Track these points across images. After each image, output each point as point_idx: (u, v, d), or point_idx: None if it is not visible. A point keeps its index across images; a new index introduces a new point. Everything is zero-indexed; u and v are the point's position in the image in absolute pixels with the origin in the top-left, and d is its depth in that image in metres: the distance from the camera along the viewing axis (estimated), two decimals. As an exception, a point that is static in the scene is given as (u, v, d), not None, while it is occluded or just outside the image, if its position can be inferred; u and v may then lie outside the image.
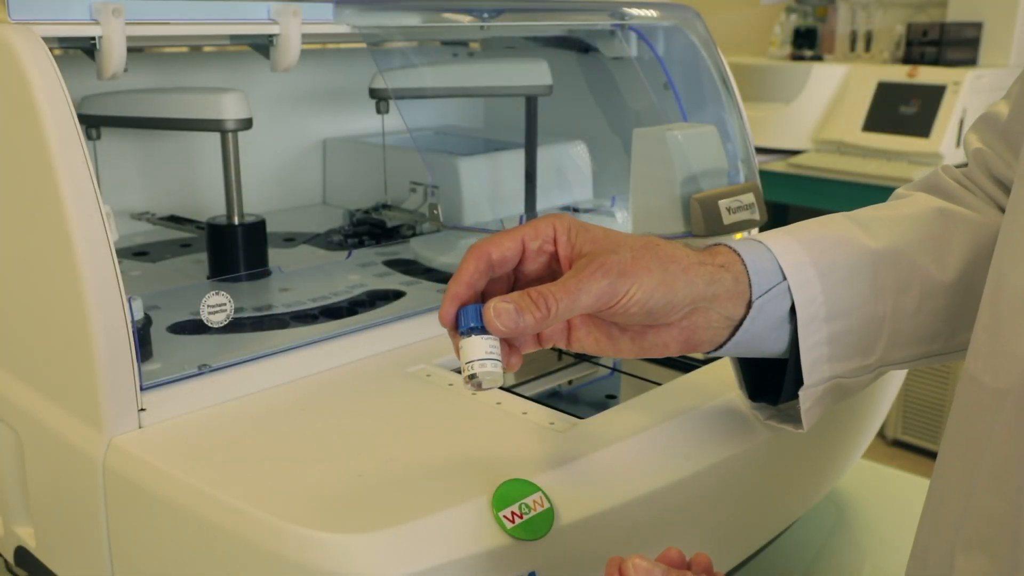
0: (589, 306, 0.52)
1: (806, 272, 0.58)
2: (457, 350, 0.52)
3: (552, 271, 0.55)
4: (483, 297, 0.53)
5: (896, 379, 0.85)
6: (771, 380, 0.62)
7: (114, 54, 0.65)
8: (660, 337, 0.56)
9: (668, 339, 0.56)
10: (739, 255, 0.57)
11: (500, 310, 0.50)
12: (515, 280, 0.56)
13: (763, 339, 0.58)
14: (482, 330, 0.50)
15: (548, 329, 0.54)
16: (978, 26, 2.49)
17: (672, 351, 0.57)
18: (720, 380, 0.71)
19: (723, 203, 0.78)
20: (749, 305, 0.56)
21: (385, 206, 1.06)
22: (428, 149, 1.13)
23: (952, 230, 0.62)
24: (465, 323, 0.51)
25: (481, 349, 0.50)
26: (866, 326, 0.60)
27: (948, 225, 0.62)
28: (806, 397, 0.59)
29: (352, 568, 0.49)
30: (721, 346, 0.58)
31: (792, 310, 0.58)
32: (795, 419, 0.61)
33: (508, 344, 0.53)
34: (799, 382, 0.59)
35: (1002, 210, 0.64)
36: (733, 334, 0.57)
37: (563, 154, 1.06)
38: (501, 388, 0.68)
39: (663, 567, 0.46)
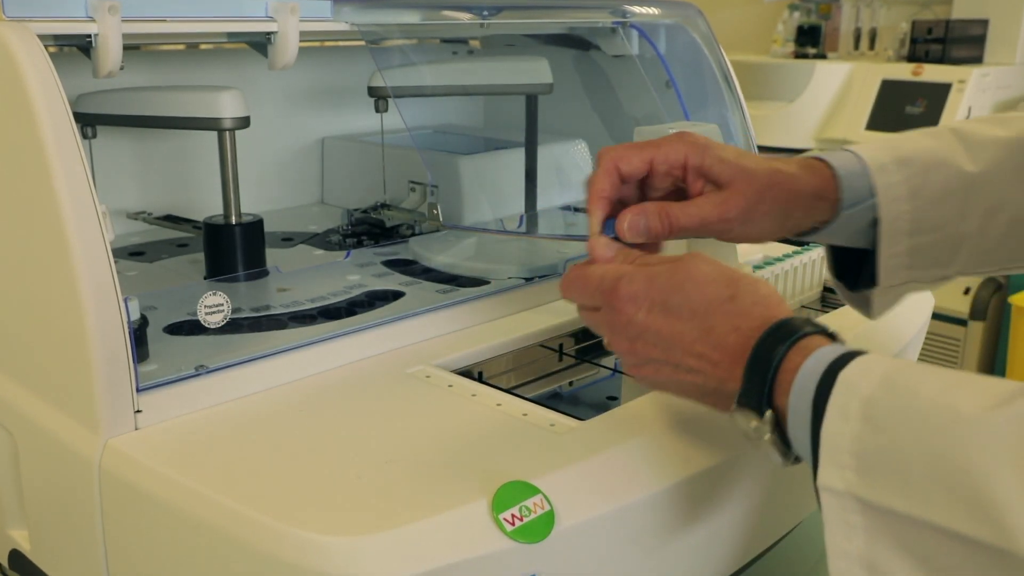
0: (707, 234, 0.61)
1: (896, 190, 0.62)
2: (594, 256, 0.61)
3: (678, 188, 0.62)
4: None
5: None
6: (854, 265, 0.67)
7: (110, 52, 0.65)
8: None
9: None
10: (838, 179, 0.62)
11: (633, 223, 0.60)
12: (643, 189, 0.63)
13: (847, 238, 0.64)
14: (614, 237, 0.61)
15: None
16: (984, 23, 2.49)
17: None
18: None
19: (725, 202, 0.77)
20: (836, 213, 0.63)
21: (384, 205, 1.05)
22: (427, 148, 1.12)
23: None
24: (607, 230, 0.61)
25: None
26: (949, 242, 0.63)
27: None
28: (880, 294, 0.65)
29: (351, 571, 0.48)
30: (804, 234, 0.65)
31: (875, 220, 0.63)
32: (869, 306, 0.67)
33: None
34: (876, 278, 0.64)
35: None
36: (816, 230, 0.64)
37: (564, 153, 1.06)
38: (502, 390, 0.68)
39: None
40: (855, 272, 0.67)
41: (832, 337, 0.52)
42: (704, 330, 0.53)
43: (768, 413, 0.51)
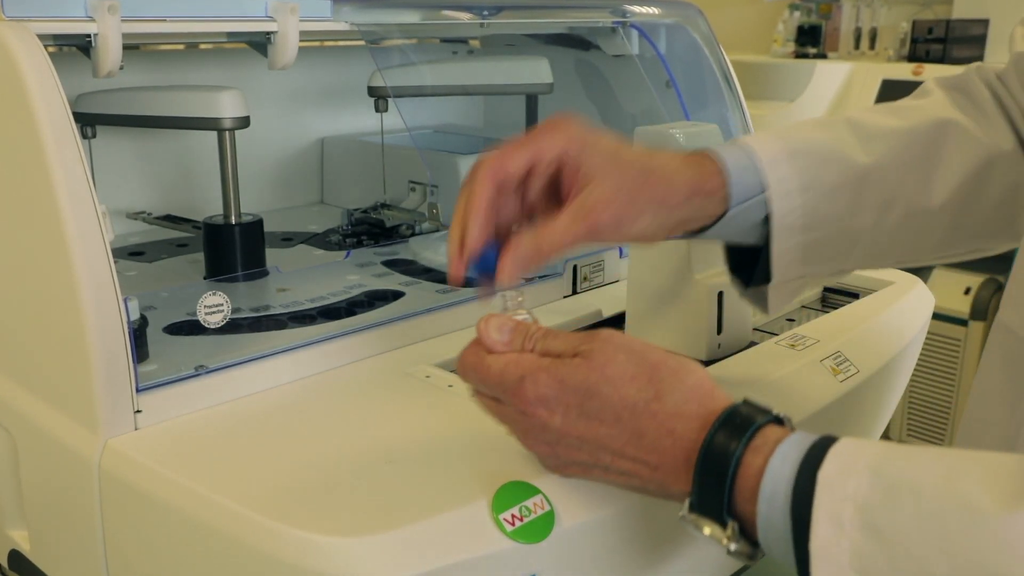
0: (585, 243, 0.56)
1: (787, 184, 0.59)
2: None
3: (554, 183, 0.57)
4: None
5: (901, 380, 0.85)
6: (749, 260, 0.64)
7: (110, 52, 0.65)
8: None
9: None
10: (725, 174, 0.59)
11: (511, 272, 0.54)
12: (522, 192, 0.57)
13: (736, 236, 0.61)
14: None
15: None
16: (984, 23, 2.49)
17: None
18: (723, 382, 0.70)
19: (726, 202, 0.77)
20: (726, 210, 0.59)
21: (384, 205, 1.05)
22: (427, 148, 1.12)
23: (949, 151, 0.62)
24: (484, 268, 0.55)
25: (500, 307, 0.56)
26: (843, 237, 0.61)
27: (946, 144, 0.62)
28: (775, 289, 0.62)
29: (350, 571, 0.48)
30: (695, 233, 0.61)
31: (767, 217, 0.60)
32: (764, 301, 0.64)
33: None
34: (770, 274, 0.62)
35: (1015, 130, 0.64)
36: (707, 228, 0.60)
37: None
38: None
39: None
40: (750, 267, 0.64)
41: (782, 422, 0.47)
42: (633, 434, 0.48)
43: (732, 524, 0.46)
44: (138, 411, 0.61)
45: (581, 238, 0.54)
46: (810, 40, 2.79)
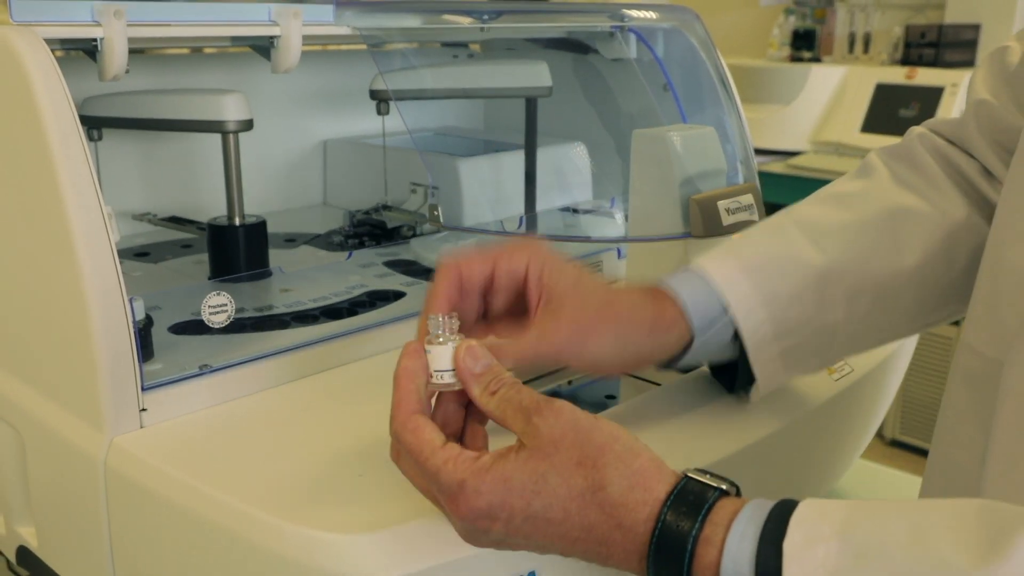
0: (540, 366, 0.56)
1: (749, 302, 0.59)
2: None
3: (520, 297, 0.57)
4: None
5: (895, 379, 0.85)
6: (729, 364, 0.64)
7: (116, 56, 0.65)
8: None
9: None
10: (683, 307, 0.58)
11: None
12: (485, 296, 0.57)
13: (713, 357, 0.62)
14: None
15: None
16: (976, 28, 2.50)
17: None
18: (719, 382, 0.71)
19: (722, 204, 0.78)
20: (692, 339, 0.59)
21: (385, 207, 1.06)
22: (428, 150, 1.13)
23: (906, 236, 0.62)
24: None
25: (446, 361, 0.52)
26: (819, 336, 0.61)
27: (902, 231, 0.62)
28: (763, 388, 0.62)
29: (353, 567, 0.49)
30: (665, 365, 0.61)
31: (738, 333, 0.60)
32: (751, 394, 0.64)
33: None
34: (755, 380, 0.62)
35: (966, 194, 0.63)
36: (677, 358, 0.60)
37: (563, 155, 1.07)
38: None
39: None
40: (731, 370, 0.64)
41: (732, 491, 0.45)
42: (582, 528, 0.45)
43: None
44: (143, 410, 0.61)
45: (543, 357, 0.55)
46: (805, 44, 2.80)
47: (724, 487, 0.45)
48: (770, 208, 0.75)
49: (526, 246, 0.57)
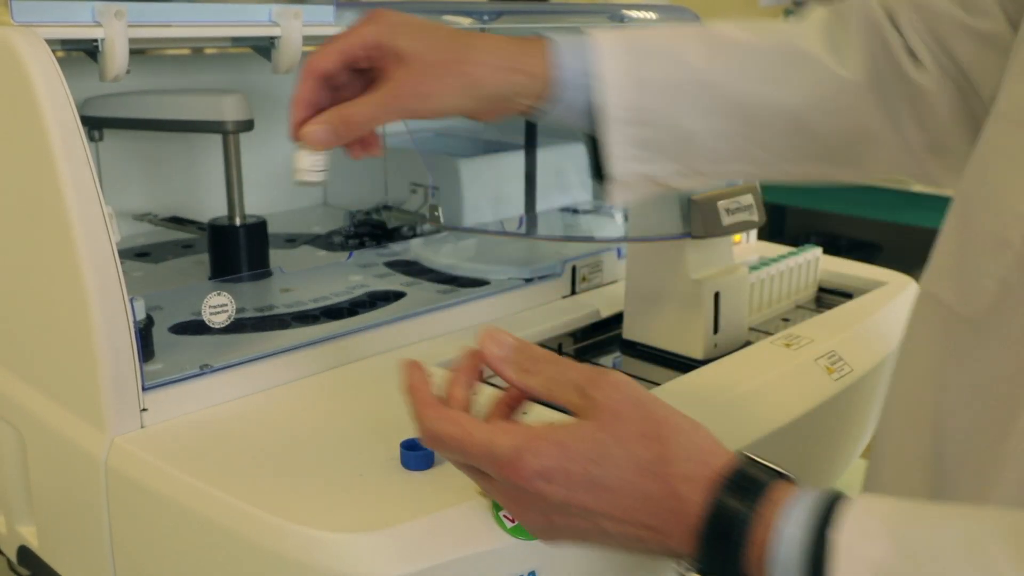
0: (391, 121, 0.57)
1: (617, 75, 0.58)
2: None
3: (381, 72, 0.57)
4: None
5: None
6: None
7: (116, 56, 0.65)
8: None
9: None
10: (551, 56, 0.58)
11: (311, 132, 0.56)
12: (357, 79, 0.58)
13: (570, 120, 0.59)
14: None
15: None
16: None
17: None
18: (719, 381, 0.71)
19: (722, 204, 0.78)
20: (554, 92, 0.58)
21: (386, 207, 1.06)
22: (429, 150, 1.13)
23: (792, 73, 0.60)
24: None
25: (306, 161, 0.59)
26: (676, 139, 0.59)
27: (790, 66, 0.60)
28: (615, 186, 0.60)
29: (353, 567, 0.49)
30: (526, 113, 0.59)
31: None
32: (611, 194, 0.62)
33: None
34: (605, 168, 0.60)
35: (879, 67, 0.60)
36: (536, 109, 0.59)
37: (563, 156, 1.07)
38: (502, 389, 0.68)
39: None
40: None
41: (785, 477, 0.45)
42: (640, 498, 0.45)
43: None
44: (144, 409, 0.61)
45: (390, 112, 0.56)
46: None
47: (781, 471, 0.45)
48: (770, 209, 0.75)
49: (375, 17, 0.57)
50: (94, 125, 0.89)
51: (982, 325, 0.49)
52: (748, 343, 0.81)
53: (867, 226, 2.52)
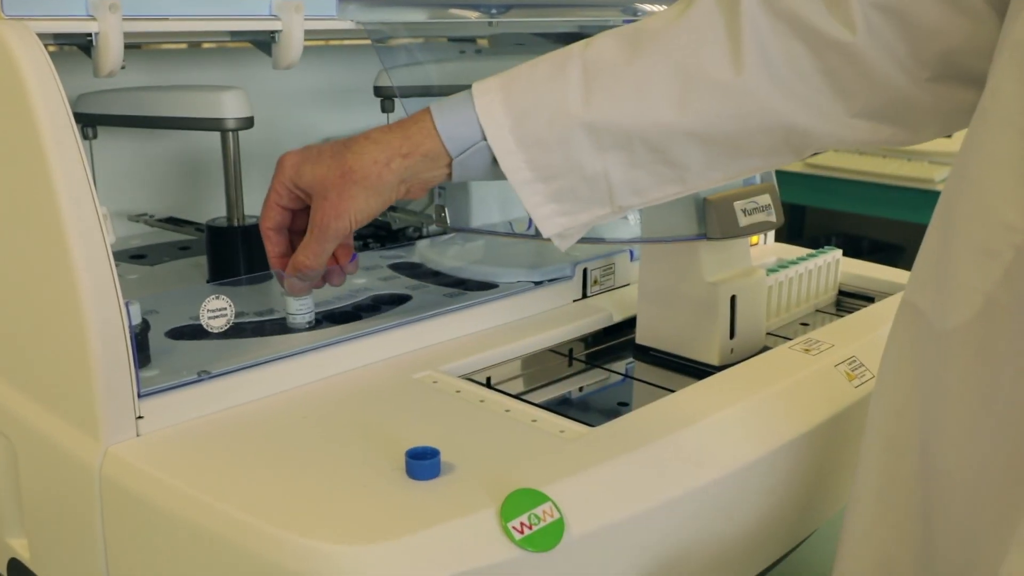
0: (336, 244, 0.63)
1: (509, 146, 0.60)
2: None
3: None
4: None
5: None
6: None
7: (111, 51, 0.65)
8: None
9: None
10: (444, 133, 0.61)
11: (291, 285, 0.66)
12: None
13: (490, 177, 0.63)
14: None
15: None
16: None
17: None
18: (734, 387, 0.71)
19: (738, 204, 0.78)
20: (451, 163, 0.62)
21: (391, 208, 1.04)
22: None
23: (690, 95, 0.58)
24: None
25: (293, 306, 0.74)
26: (589, 184, 0.60)
27: (686, 88, 0.58)
28: (555, 239, 0.63)
29: (353, 580, 0.48)
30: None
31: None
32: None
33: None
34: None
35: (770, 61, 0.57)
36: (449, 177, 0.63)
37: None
38: (511, 395, 0.69)
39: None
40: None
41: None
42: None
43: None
44: (140, 417, 0.61)
45: (324, 243, 0.62)
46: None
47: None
48: (788, 208, 0.74)
49: (278, 166, 0.64)
50: (88, 122, 0.89)
51: (958, 338, 0.49)
52: (766, 348, 0.81)
53: (889, 227, 2.51)
